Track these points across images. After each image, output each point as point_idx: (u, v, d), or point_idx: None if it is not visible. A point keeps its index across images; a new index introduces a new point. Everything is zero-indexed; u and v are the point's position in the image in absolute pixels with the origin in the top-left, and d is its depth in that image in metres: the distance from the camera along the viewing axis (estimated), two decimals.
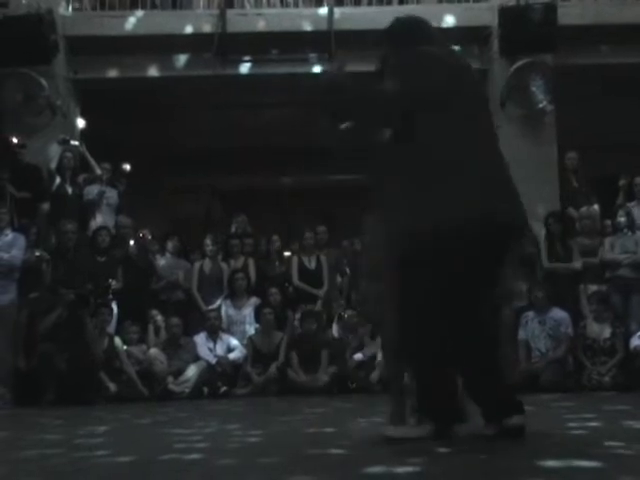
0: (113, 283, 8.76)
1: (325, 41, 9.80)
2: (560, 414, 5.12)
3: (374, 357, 8.66)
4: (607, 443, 3.26)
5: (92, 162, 9.61)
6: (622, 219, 8.82)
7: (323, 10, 9.95)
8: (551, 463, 2.67)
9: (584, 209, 9.41)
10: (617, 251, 8.68)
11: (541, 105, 9.70)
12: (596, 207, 9.62)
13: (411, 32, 3.53)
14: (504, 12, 9.54)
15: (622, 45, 9.81)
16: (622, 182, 9.53)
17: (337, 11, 9.90)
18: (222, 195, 14.61)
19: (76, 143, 9.66)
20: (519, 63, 9.60)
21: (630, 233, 8.78)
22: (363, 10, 10.18)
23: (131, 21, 10.08)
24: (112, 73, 10.36)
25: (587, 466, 2.64)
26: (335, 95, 3.35)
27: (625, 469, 2.61)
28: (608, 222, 9.17)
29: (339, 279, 9.89)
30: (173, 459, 3.13)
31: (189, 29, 10.03)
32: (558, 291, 8.50)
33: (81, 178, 9.59)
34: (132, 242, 9.60)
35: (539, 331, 8.22)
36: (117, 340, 8.25)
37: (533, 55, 9.59)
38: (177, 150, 12.54)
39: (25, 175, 9.31)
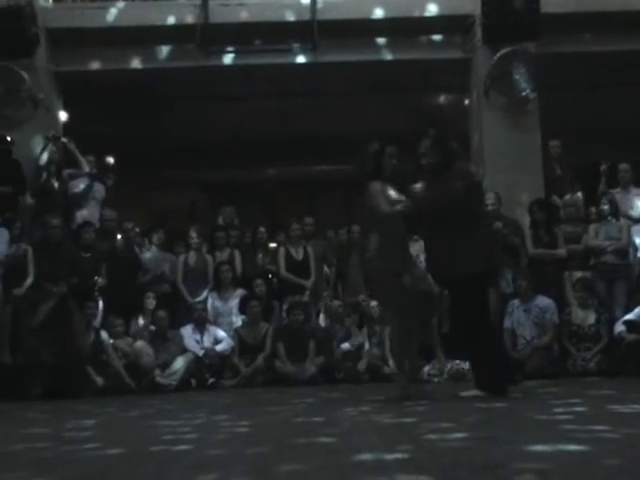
0: (99, 281, 8.75)
1: (308, 31, 9.77)
2: (546, 400, 5.15)
3: (361, 347, 8.69)
4: (593, 427, 3.29)
5: (80, 158, 9.51)
6: (605, 207, 8.85)
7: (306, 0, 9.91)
8: (539, 448, 2.69)
9: (568, 197, 9.45)
10: (601, 238, 8.72)
11: (524, 93, 9.70)
12: (580, 194, 9.66)
13: None
14: (487, 0, 9.54)
15: (603, 33, 9.81)
16: (603, 167, 9.55)
17: (320, 0, 9.86)
18: (207, 187, 14.55)
19: (65, 140, 9.61)
20: (502, 51, 9.59)
21: (614, 220, 8.81)
22: None
23: (112, 12, 9.99)
24: (94, 65, 10.28)
25: (574, 450, 2.66)
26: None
27: (610, 453, 2.63)
28: (592, 209, 9.21)
29: (326, 270, 9.89)
30: (162, 450, 3.13)
31: (171, 20, 9.97)
32: (543, 278, 8.55)
33: (65, 173, 9.52)
34: (119, 236, 9.54)
35: (524, 319, 8.26)
36: (103, 334, 8.21)
37: (516, 43, 9.59)
38: (161, 142, 12.48)
39: (6, 170, 9.25)
